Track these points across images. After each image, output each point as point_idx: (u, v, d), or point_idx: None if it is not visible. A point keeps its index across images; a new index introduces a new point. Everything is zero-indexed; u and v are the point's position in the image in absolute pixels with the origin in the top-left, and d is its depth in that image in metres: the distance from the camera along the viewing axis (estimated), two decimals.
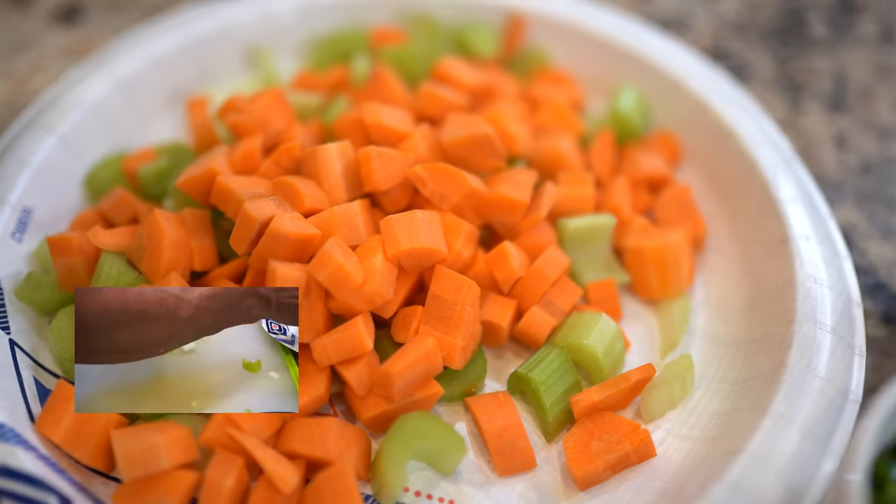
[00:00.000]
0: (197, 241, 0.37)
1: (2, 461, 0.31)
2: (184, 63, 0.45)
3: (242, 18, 0.46)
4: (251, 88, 0.46)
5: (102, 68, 0.44)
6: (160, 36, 0.45)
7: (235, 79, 0.46)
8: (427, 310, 0.35)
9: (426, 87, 0.41)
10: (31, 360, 0.36)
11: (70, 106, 0.42)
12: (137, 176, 0.41)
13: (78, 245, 0.36)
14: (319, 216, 0.35)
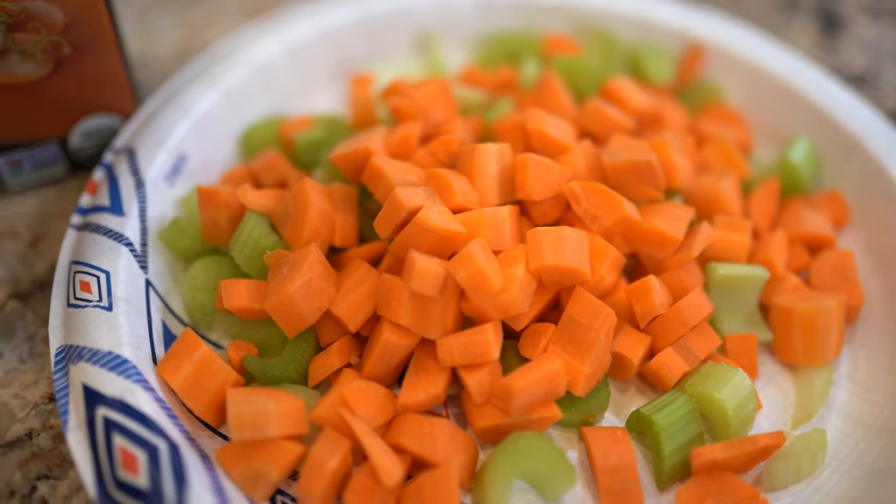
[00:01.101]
0: (341, 216, 0.37)
1: (120, 396, 0.31)
2: (354, 38, 0.45)
3: (421, 3, 0.46)
4: (417, 74, 0.46)
5: (275, 32, 0.44)
6: (336, 9, 0.45)
7: (402, 61, 0.46)
8: (559, 330, 0.34)
9: (594, 103, 0.40)
10: (161, 303, 0.36)
11: (238, 63, 0.42)
12: (292, 142, 0.41)
13: (226, 200, 0.37)
14: (467, 215, 0.35)
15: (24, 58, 0.37)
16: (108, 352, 0.32)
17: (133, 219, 0.37)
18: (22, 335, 0.37)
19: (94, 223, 0.36)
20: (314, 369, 0.34)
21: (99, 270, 0.35)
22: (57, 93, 0.39)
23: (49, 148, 0.40)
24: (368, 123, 0.42)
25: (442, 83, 0.40)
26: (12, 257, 0.39)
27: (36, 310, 0.37)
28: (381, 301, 0.34)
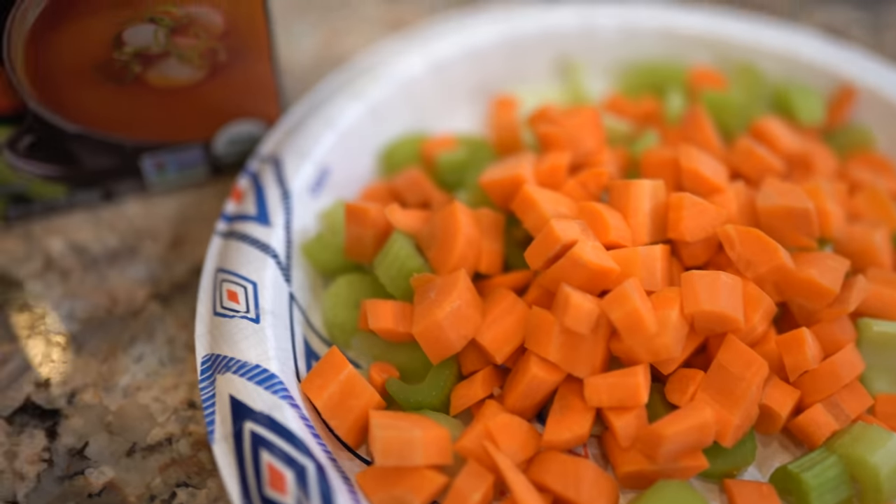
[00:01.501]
0: (487, 242, 0.36)
1: (268, 411, 0.31)
2: (497, 58, 0.45)
3: (566, 27, 0.45)
4: (558, 98, 0.45)
5: (420, 48, 0.44)
6: (480, 27, 0.45)
7: (543, 84, 0.46)
8: (709, 378, 0.33)
9: (744, 142, 0.39)
10: (302, 317, 0.36)
11: (383, 77, 0.42)
12: (435, 161, 0.41)
13: (373, 218, 0.36)
14: (620, 252, 0.34)
15: (181, 62, 0.37)
16: (255, 365, 0.32)
17: (279, 229, 0.37)
18: (162, 338, 0.37)
19: (240, 232, 0.37)
20: (457, 398, 0.34)
21: (246, 281, 0.35)
22: (207, 98, 0.39)
23: (192, 151, 0.41)
24: (511, 147, 0.41)
25: (592, 113, 0.39)
26: (153, 259, 0.39)
27: (176, 313, 0.38)
28: (529, 334, 0.33)
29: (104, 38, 0.35)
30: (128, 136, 0.39)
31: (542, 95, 0.45)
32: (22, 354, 0.36)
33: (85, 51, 0.36)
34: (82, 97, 0.37)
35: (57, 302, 0.38)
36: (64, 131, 0.38)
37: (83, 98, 0.37)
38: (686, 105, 0.43)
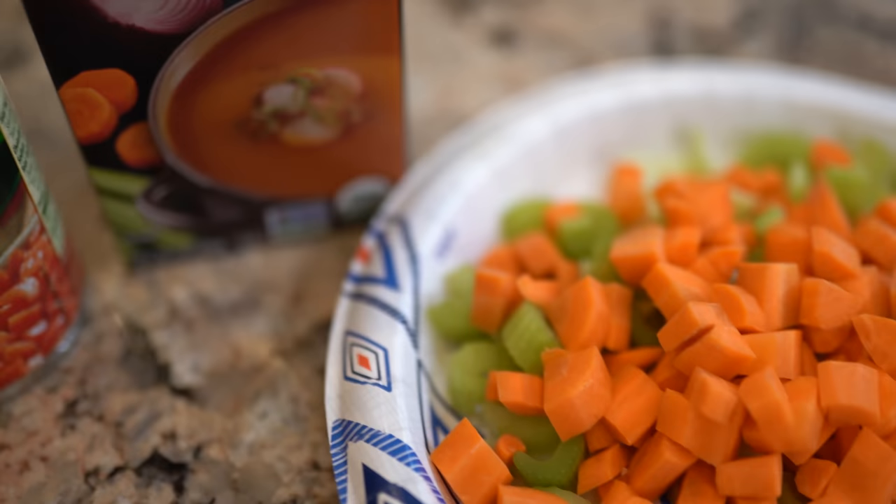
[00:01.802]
0: (616, 318, 0.36)
1: (402, 484, 0.31)
2: (617, 122, 0.45)
3: (687, 93, 0.45)
4: (677, 165, 0.45)
5: (543, 109, 0.44)
6: (601, 90, 0.45)
7: (662, 149, 0.45)
8: (842, 471, 0.33)
9: (873, 224, 0.39)
10: (428, 384, 0.36)
11: (508, 139, 0.42)
12: (558, 228, 0.41)
13: (504, 288, 0.36)
14: (756, 338, 0.34)
15: (316, 122, 0.38)
16: (388, 434, 0.33)
17: (407, 294, 0.37)
18: (285, 395, 0.37)
19: (369, 295, 0.37)
20: (585, 476, 0.34)
21: (377, 347, 0.35)
22: (336, 156, 0.39)
23: (316, 206, 0.41)
24: (633, 216, 0.41)
25: (722, 189, 0.39)
26: (275, 312, 0.40)
27: (298, 370, 0.38)
28: (662, 418, 0.33)
29: (246, 97, 0.36)
30: (256, 190, 0.40)
31: (662, 163, 0.45)
32: (149, 405, 0.37)
33: (226, 109, 0.36)
34: (218, 152, 0.38)
35: (182, 352, 0.38)
36: (197, 184, 0.38)
37: (219, 153, 0.38)
38: (809, 180, 0.43)
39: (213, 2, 0.33)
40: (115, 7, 0.32)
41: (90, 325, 0.39)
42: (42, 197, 0.35)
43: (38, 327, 0.36)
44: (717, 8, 0.54)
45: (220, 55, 0.34)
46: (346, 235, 0.43)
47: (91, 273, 0.41)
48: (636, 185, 0.42)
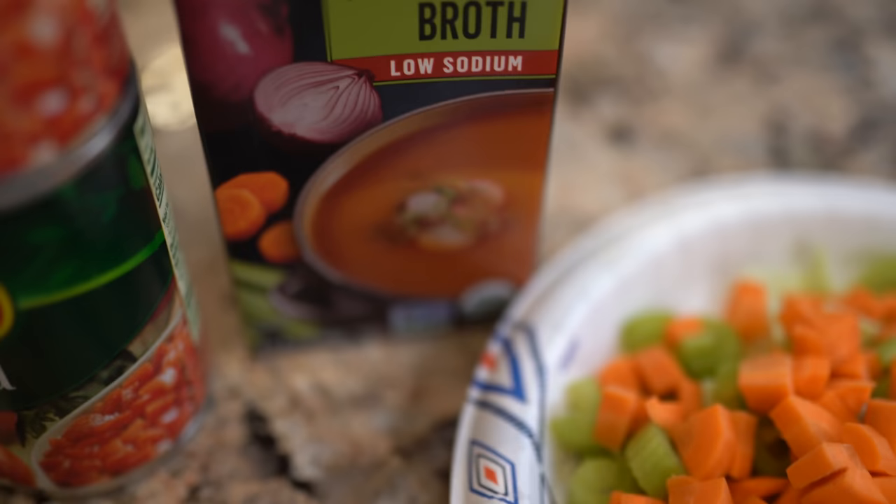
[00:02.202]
0: (741, 446, 0.36)
1: None
2: (739, 235, 0.45)
3: (809, 209, 0.45)
4: (798, 284, 0.45)
5: (666, 220, 0.44)
6: (725, 202, 0.45)
7: (782, 265, 0.45)
8: None
9: None
10: (549, 497, 0.36)
11: (632, 249, 0.43)
12: (680, 344, 0.41)
13: (630, 407, 0.37)
14: (886, 482, 0.33)
15: (454, 228, 0.38)
16: None
17: (534, 407, 0.37)
18: (404, 496, 0.38)
19: (495, 405, 0.37)
20: None
21: (504, 460, 0.35)
22: (468, 260, 0.40)
23: (440, 305, 0.42)
24: (755, 335, 0.41)
25: (852, 321, 0.39)
26: (394, 408, 0.40)
27: (418, 470, 0.38)
28: None
29: (390, 203, 0.37)
30: (386, 287, 0.40)
31: (782, 279, 0.45)
32: (270, 497, 0.37)
33: (370, 213, 0.37)
34: (355, 252, 0.38)
35: (302, 444, 0.39)
36: (329, 280, 0.39)
37: (356, 253, 0.38)
38: None
39: (373, 116, 0.34)
40: (281, 117, 0.33)
41: (214, 409, 0.40)
42: (188, 290, 0.36)
43: (170, 414, 0.37)
44: (835, 116, 0.54)
45: (372, 164, 0.35)
46: (468, 334, 0.43)
47: (215, 354, 0.42)
48: (759, 304, 0.42)
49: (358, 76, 0.32)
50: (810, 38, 0.58)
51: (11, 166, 0.26)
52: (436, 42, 0.32)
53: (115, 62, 0.28)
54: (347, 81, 0.32)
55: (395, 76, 0.33)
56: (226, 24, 0.30)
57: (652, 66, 0.57)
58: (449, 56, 0.32)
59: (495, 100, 0.34)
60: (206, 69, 0.31)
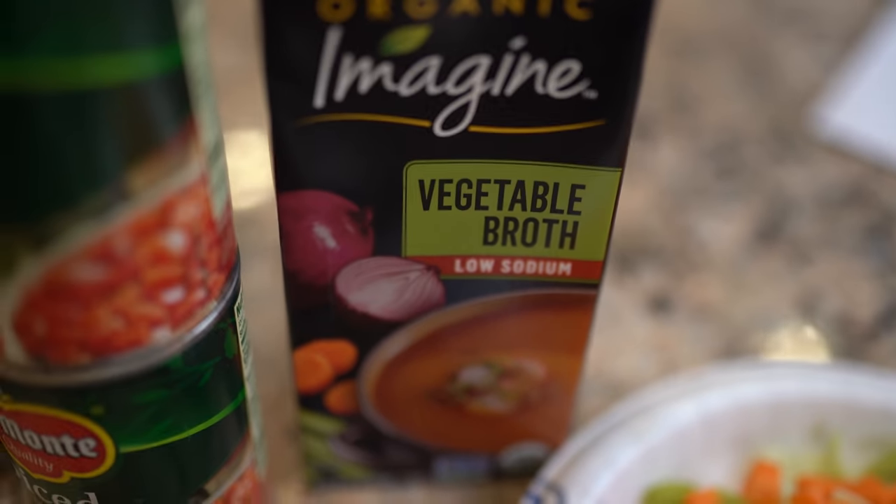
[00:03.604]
0: None
1: None
2: (760, 414, 0.49)
3: (828, 395, 0.49)
4: (812, 465, 0.48)
5: (694, 395, 0.48)
6: (750, 382, 0.49)
7: (798, 445, 0.49)
8: None
9: None
10: None
11: (659, 421, 0.47)
12: None
13: None
14: None
15: (499, 398, 0.43)
16: None
17: None
18: None
19: None
20: None
21: None
22: (508, 424, 0.44)
23: (481, 459, 0.46)
24: None
25: None
26: None
27: None
28: None
29: (444, 373, 0.41)
30: (433, 442, 0.45)
31: (798, 459, 0.48)
32: None
33: (425, 380, 0.42)
34: (409, 411, 0.43)
35: None
36: (384, 433, 0.44)
37: (409, 412, 0.43)
38: None
39: (436, 302, 0.39)
40: (356, 298, 0.38)
41: None
42: (260, 435, 0.41)
43: None
44: (865, 301, 0.58)
45: (432, 340, 0.40)
46: (504, 485, 0.47)
47: (275, 484, 0.47)
48: (774, 484, 0.46)
49: (427, 270, 0.37)
50: (845, 222, 0.63)
51: (134, 345, 0.31)
52: (496, 247, 0.37)
53: (226, 258, 0.33)
54: (417, 274, 0.37)
55: (459, 272, 0.38)
56: (319, 226, 0.36)
57: (694, 239, 0.61)
58: (507, 259, 0.37)
59: (544, 296, 0.39)
60: (299, 259, 0.36)
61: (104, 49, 0.25)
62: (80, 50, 0.25)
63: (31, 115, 0.25)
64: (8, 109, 0.25)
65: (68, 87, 0.25)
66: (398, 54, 0.31)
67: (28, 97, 0.25)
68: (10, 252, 0.28)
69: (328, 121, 0.33)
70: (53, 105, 0.25)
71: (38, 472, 0.36)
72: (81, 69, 0.25)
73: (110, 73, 0.25)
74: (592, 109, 0.33)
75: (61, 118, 0.25)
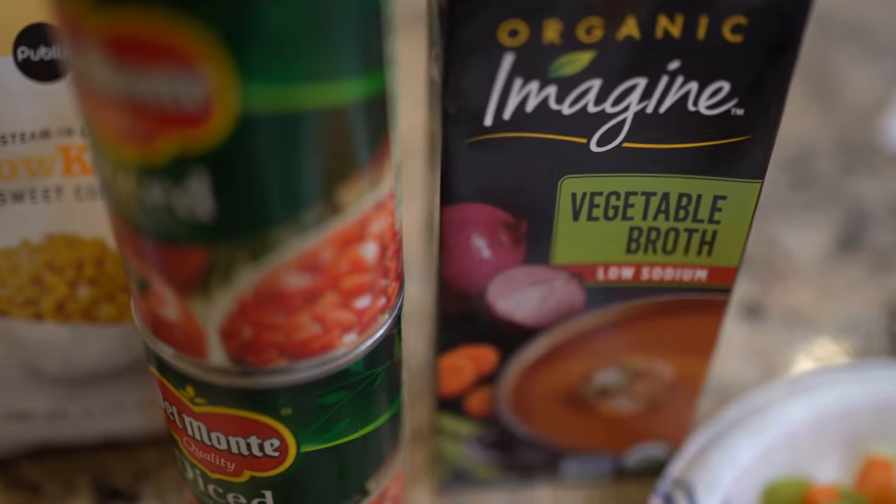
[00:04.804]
0: None
1: None
2: (865, 414, 0.51)
3: None
4: None
5: (801, 396, 0.50)
6: (850, 384, 0.51)
7: None
8: None
9: None
10: None
11: (771, 421, 0.49)
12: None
13: None
14: None
15: (629, 399, 0.45)
16: None
17: None
18: None
19: None
20: None
21: None
22: (635, 424, 0.47)
23: (606, 459, 0.48)
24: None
25: None
26: None
27: None
28: None
29: (579, 376, 0.44)
30: (562, 443, 0.47)
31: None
32: None
33: (561, 383, 0.44)
34: (543, 415, 0.45)
35: None
36: (517, 434, 0.46)
37: (543, 415, 0.45)
38: None
39: (577, 308, 0.41)
40: (505, 305, 0.40)
41: None
42: (406, 438, 0.43)
43: None
44: None
45: (569, 344, 0.42)
46: (627, 484, 0.50)
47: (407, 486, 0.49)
48: (888, 479, 0.48)
49: (571, 277, 0.40)
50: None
51: (326, 349, 0.34)
52: (638, 255, 0.39)
53: (400, 268, 0.36)
54: (562, 282, 0.40)
55: (601, 279, 0.40)
56: (478, 237, 0.38)
57: (779, 248, 0.64)
58: (647, 266, 0.40)
59: (679, 301, 0.41)
60: (454, 268, 0.39)
61: (328, 78, 0.28)
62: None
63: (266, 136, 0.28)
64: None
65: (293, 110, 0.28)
66: (564, 76, 0.34)
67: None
68: (230, 264, 0.31)
69: (494, 138, 0.35)
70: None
71: (217, 473, 0.38)
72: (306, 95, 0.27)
73: (332, 97, 0.28)
74: (739, 125, 0.36)
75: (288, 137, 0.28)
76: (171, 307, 0.33)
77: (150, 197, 0.29)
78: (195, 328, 0.33)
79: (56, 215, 0.43)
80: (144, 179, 0.29)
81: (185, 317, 0.33)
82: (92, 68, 0.27)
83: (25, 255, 0.43)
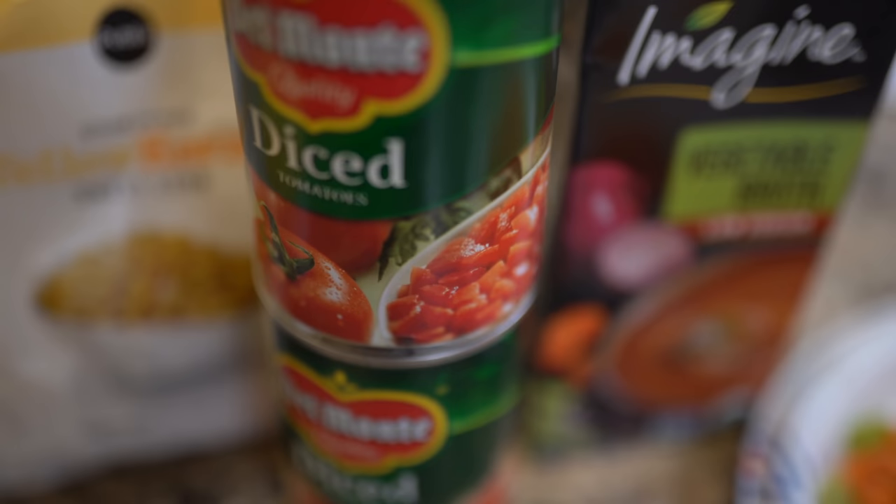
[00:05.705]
0: None
1: None
2: None
3: None
4: None
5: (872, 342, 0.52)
6: None
7: None
8: None
9: None
10: None
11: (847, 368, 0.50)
12: None
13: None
14: None
15: (723, 352, 0.46)
16: None
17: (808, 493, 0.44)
18: None
19: (777, 493, 0.44)
20: None
21: None
22: (722, 382, 0.47)
23: (694, 418, 0.49)
24: None
25: None
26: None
27: None
28: None
29: (681, 332, 0.44)
30: (655, 401, 0.47)
31: None
32: None
33: (664, 340, 0.44)
34: (642, 372, 0.45)
35: None
36: (616, 401, 0.46)
37: (642, 372, 0.46)
38: None
39: (683, 264, 0.41)
40: (617, 266, 0.40)
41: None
42: None
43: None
44: None
45: (675, 302, 0.43)
46: (718, 441, 0.50)
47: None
48: None
49: (682, 233, 0.40)
50: None
51: (488, 320, 0.33)
52: (747, 207, 0.40)
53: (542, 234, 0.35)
54: (674, 238, 0.40)
55: (712, 234, 0.40)
56: (601, 197, 0.38)
57: None
58: (755, 218, 0.40)
59: (780, 253, 0.42)
60: (576, 231, 0.39)
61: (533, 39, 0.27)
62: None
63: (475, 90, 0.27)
64: (460, 87, 0.27)
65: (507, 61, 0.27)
66: (699, 29, 0.34)
67: (476, 70, 0.26)
68: (416, 237, 0.29)
69: (626, 97, 0.35)
70: (491, 77, 0.27)
71: (351, 461, 0.37)
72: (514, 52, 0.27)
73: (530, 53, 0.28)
74: (859, 71, 0.36)
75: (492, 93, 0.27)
76: (335, 289, 0.31)
77: (347, 168, 0.28)
78: (361, 308, 0.32)
79: (136, 212, 0.41)
80: (341, 153, 0.27)
81: (351, 297, 0.31)
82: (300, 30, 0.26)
83: (107, 257, 0.40)
